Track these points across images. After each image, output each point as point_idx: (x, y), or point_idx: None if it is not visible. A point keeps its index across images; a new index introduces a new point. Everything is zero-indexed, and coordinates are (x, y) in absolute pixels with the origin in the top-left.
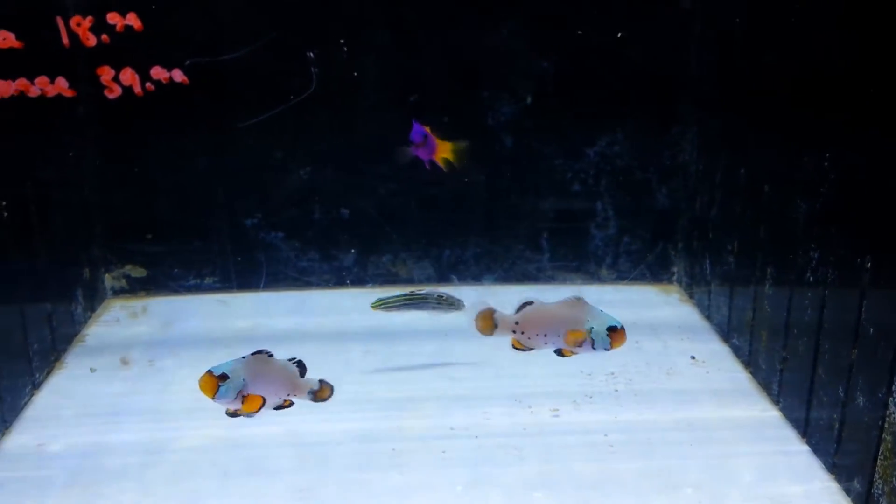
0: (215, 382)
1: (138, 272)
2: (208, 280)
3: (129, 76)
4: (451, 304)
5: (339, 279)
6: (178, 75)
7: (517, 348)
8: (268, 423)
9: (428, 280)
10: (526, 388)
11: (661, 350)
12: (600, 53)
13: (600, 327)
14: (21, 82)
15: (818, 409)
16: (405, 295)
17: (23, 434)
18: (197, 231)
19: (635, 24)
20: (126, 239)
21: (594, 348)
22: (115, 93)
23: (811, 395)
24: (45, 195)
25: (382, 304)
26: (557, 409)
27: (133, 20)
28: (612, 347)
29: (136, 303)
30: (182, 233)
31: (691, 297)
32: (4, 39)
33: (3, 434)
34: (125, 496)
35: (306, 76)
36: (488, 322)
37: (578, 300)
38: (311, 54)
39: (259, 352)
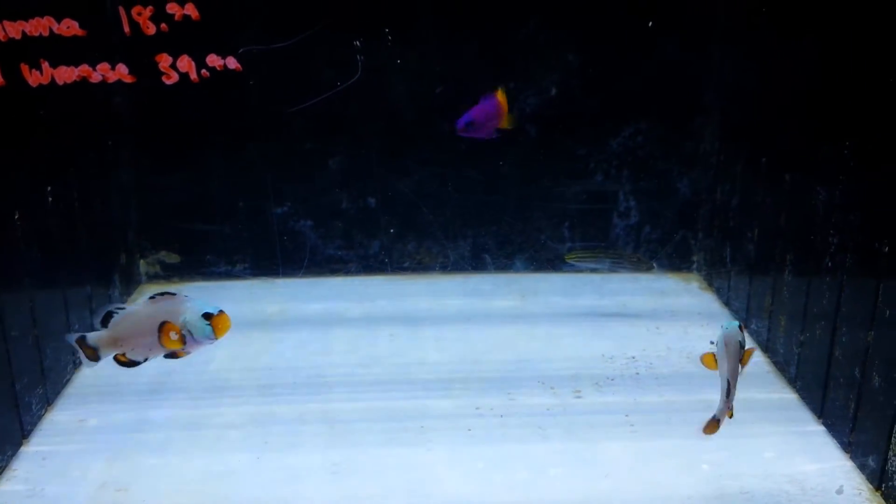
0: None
1: (172, 258)
2: (239, 266)
3: (185, 63)
4: (644, 263)
5: (367, 266)
6: (231, 62)
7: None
8: (301, 402)
9: (454, 267)
10: (549, 371)
11: (682, 335)
12: (624, 46)
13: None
14: (84, 68)
15: (834, 390)
16: (598, 250)
17: (65, 410)
18: (228, 218)
19: (659, 17)
20: (161, 226)
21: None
22: (172, 79)
23: (828, 376)
24: (86, 182)
25: (577, 257)
26: (580, 391)
27: (191, 10)
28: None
29: (170, 288)
30: (214, 220)
31: (711, 284)
32: (69, 28)
33: (46, 410)
34: (165, 469)
35: (353, 64)
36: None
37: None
38: (358, 43)
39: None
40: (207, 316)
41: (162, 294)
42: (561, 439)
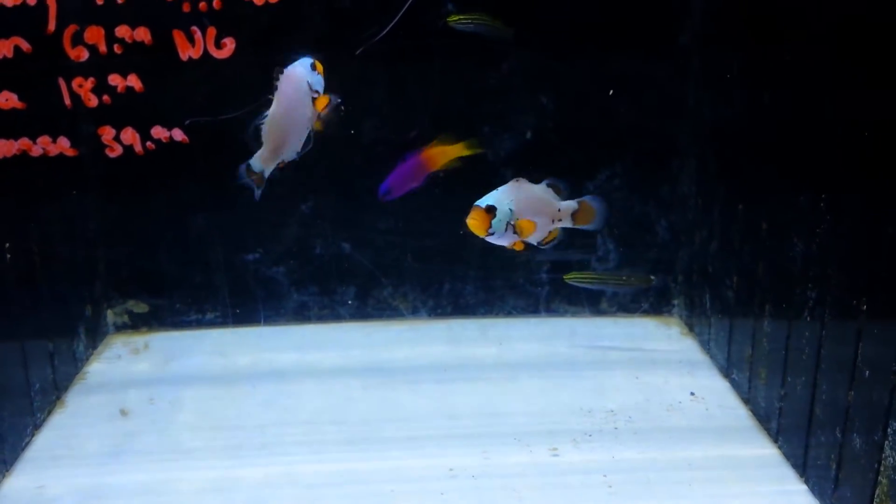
0: (486, 217)
1: (140, 308)
2: (209, 315)
3: (129, 135)
4: (643, 279)
5: (341, 313)
6: (178, 134)
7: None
8: (268, 465)
9: (431, 313)
10: (525, 427)
11: (662, 385)
12: (599, 88)
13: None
14: (23, 142)
15: (816, 449)
16: (595, 274)
17: (23, 475)
18: (199, 266)
19: (633, 60)
20: (129, 275)
21: None
22: (116, 152)
23: (809, 435)
24: (48, 233)
25: (577, 278)
26: (556, 449)
27: (134, 81)
28: None
29: (138, 338)
30: (184, 268)
31: (691, 329)
32: (7, 100)
33: (4, 476)
34: None
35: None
36: None
37: None
38: None
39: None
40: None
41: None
42: (537, 503)
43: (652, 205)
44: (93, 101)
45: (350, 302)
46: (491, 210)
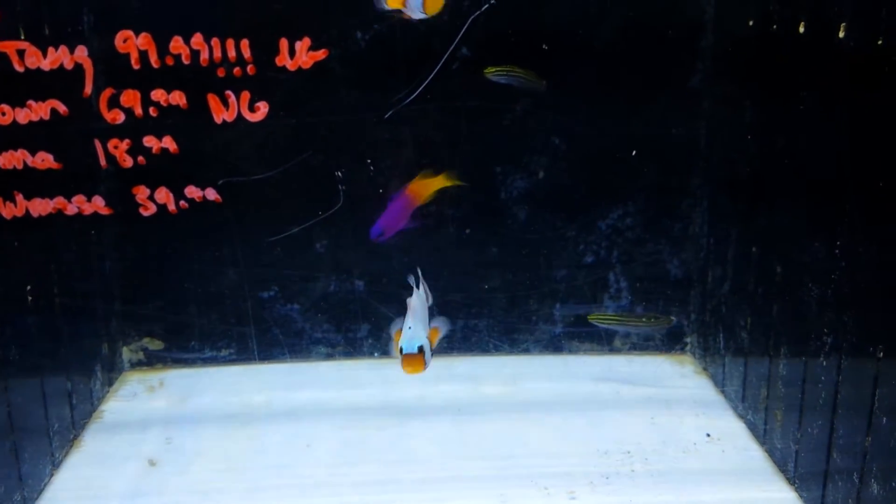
0: (421, 359)
1: (156, 345)
2: (224, 352)
3: (163, 195)
4: (663, 319)
5: (355, 351)
6: (211, 194)
7: None
8: None
9: (444, 350)
10: (542, 468)
11: (677, 426)
12: (611, 128)
13: None
14: (59, 201)
15: (833, 493)
16: (617, 315)
17: None
18: (214, 303)
19: (644, 102)
20: (144, 312)
21: None
22: (150, 210)
23: (826, 479)
24: (67, 277)
25: (599, 319)
26: (574, 492)
27: (169, 143)
28: None
29: (153, 376)
30: (199, 305)
31: (705, 368)
32: (43, 161)
33: None
34: None
35: (334, 193)
36: None
37: None
38: (339, 173)
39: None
40: None
41: None
42: None
43: (664, 242)
44: (128, 162)
45: (365, 339)
46: (422, 350)
